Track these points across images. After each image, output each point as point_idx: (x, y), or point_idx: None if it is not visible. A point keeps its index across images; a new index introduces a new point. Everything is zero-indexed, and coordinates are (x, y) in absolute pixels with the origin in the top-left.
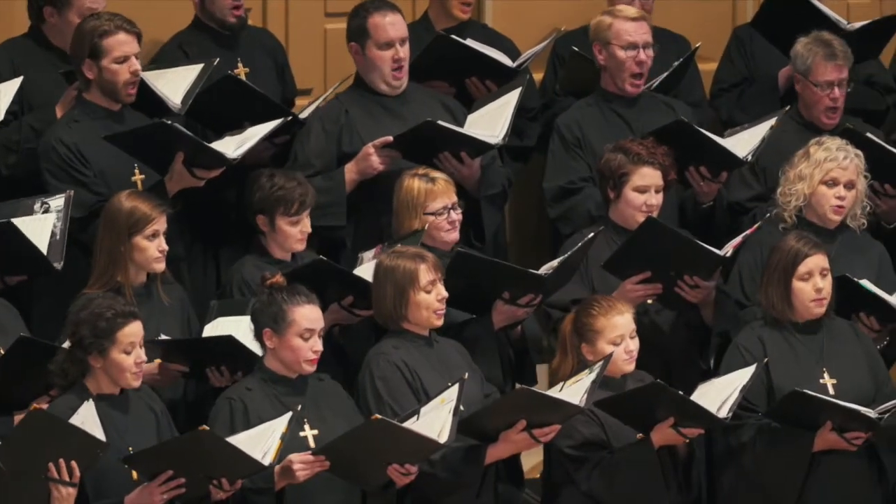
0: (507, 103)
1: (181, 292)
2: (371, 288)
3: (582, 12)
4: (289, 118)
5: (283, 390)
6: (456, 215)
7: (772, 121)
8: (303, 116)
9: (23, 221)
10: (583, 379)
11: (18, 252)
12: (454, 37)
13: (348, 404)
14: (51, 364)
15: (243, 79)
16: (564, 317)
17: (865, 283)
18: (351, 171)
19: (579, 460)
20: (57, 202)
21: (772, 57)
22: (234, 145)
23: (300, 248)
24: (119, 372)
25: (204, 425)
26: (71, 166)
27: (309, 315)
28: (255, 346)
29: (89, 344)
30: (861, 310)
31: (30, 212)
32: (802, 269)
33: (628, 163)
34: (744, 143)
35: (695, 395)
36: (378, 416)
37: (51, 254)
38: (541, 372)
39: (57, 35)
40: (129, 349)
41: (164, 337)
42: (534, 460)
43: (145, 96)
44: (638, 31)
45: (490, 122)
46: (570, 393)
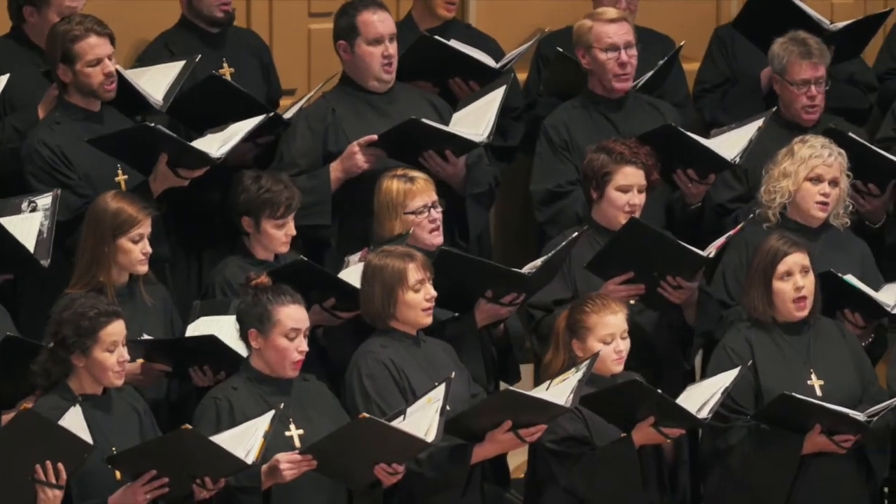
0: (492, 101)
1: (164, 292)
2: (351, 290)
3: (566, 13)
4: (270, 114)
5: (268, 390)
6: (436, 213)
7: (759, 122)
8: (286, 117)
9: (10, 221)
10: (569, 378)
11: (5, 251)
12: (437, 37)
13: (333, 404)
14: (33, 364)
15: (227, 78)
16: (545, 317)
17: (850, 278)
18: (336, 170)
19: (560, 455)
20: (44, 201)
21: (754, 57)
22: (217, 144)
23: (284, 250)
24: (102, 371)
25: (187, 424)
26: (55, 169)
27: (294, 315)
28: (237, 346)
29: (72, 343)
30: (846, 306)
31: (17, 211)
32: (781, 268)
33: (611, 162)
34: (731, 145)
35: (682, 396)
36: (366, 415)
37: (38, 252)
38: (525, 371)
39: (38, 34)
40: (111, 348)
41: (146, 337)
42: (518, 460)
43: (126, 94)
44: (618, 32)
45: (475, 121)
46: (557, 392)
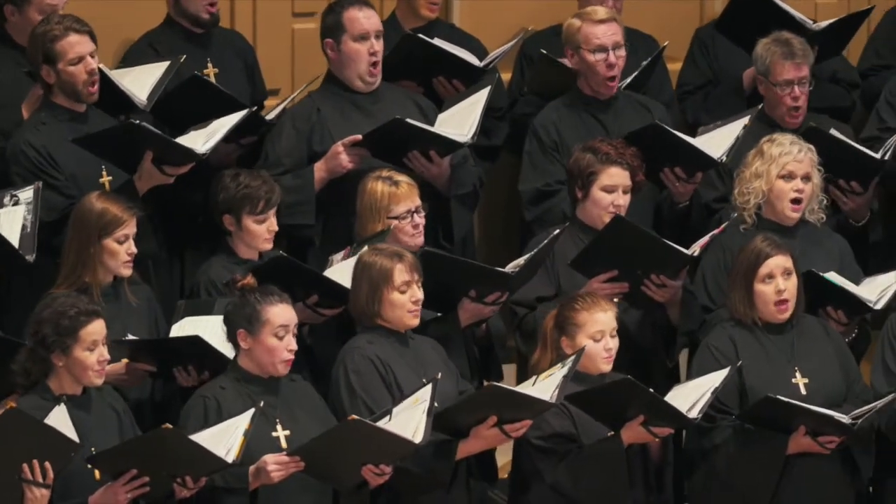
0: (477, 102)
1: (148, 293)
2: (334, 287)
3: (550, 12)
4: (254, 108)
5: (256, 390)
6: (420, 218)
7: (745, 119)
8: (269, 118)
9: None
10: (555, 374)
11: None
12: (422, 36)
13: (320, 405)
14: (13, 364)
15: (210, 79)
16: (528, 314)
17: (832, 276)
18: (320, 170)
19: (547, 451)
20: (26, 195)
21: (736, 58)
22: (201, 140)
23: (268, 246)
24: (82, 370)
25: (167, 424)
26: (41, 169)
27: (283, 314)
28: (222, 346)
29: (52, 342)
30: (829, 304)
31: None
32: (763, 270)
33: (597, 162)
34: (717, 143)
35: (668, 396)
36: (354, 417)
37: (22, 247)
38: (508, 370)
39: (19, 33)
40: (92, 347)
41: (131, 337)
42: (502, 459)
43: (110, 94)
44: (606, 33)
45: (459, 121)
46: (542, 388)
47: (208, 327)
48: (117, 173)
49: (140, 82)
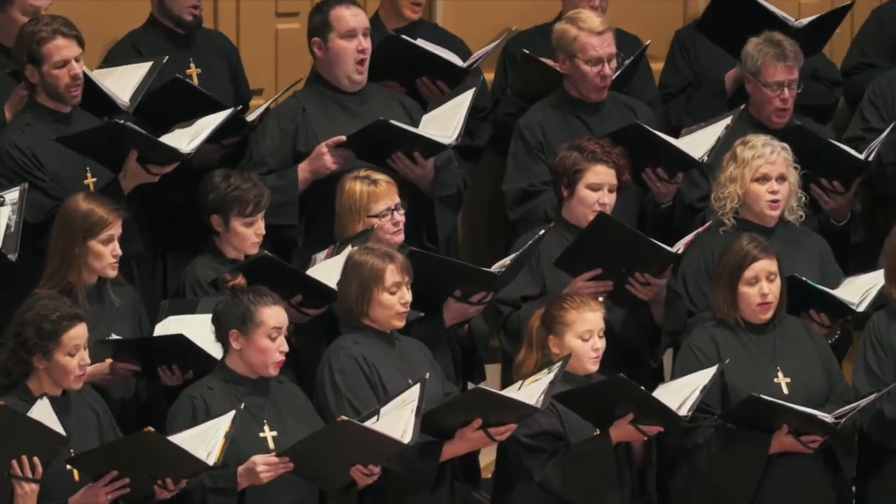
0: (461, 104)
1: (132, 293)
2: (318, 286)
3: (533, 12)
4: (238, 108)
5: (244, 391)
6: (399, 216)
7: (727, 120)
8: (251, 119)
9: None
10: (541, 379)
11: None
12: (405, 37)
13: (306, 406)
14: None
15: (192, 81)
16: (513, 312)
17: (814, 282)
18: (304, 171)
19: (535, 450)
20: (12, 195)
21: (717, 59)
22: (186, 139)
23: (254, 251)
24: (62, 374)
25: (149, 426)
26: (26, 171)
27: (276, 315)
28: (206, 345)
29: (33, 345)
30: (811, 307)
31: None
32: (749, 273)
33: (582, 160)
34: (699, 144)
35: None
36: (344, 418)
37: (5, 246)
38: (491, 371)
39: (2, 33)
40: (73, 351)
41: (115, 337)
42: (486, 460)
43: (93, 95)
44: (603, 44)
45: (444, 123)
46: (528, 392)
47: (192, 326)
48: (102, 174)
49: (123, 83)
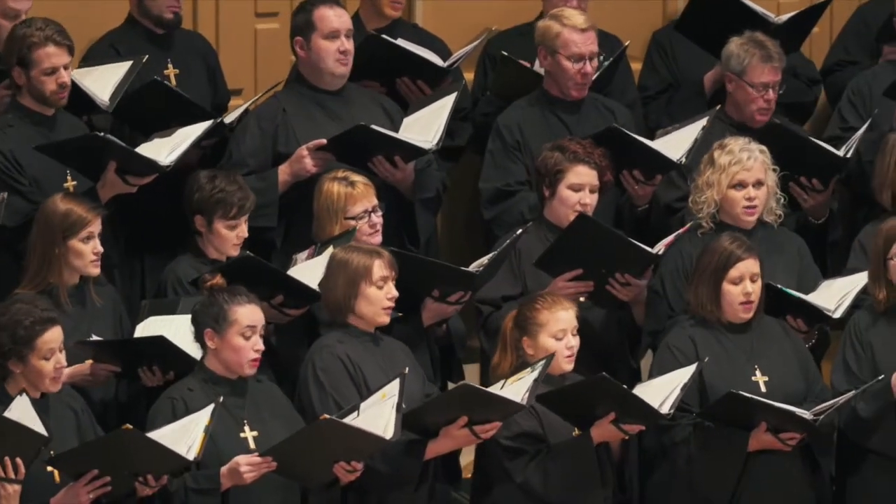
0: (443, 108)
1: (113, 293)
2: (299, 287)
3: (513, 13)
4: (218, 120)
5: (223, 391)
6: (377, 218)
7: (703, 121)
8: (228, 120)
9: None
10: (525, 377)
11: None
12: (385, 36)
13: (286, 405)
14: None
15: (170, 83)
16: (493, 312)
17: (790, 290)
18: (284, 173)
19: (515, 451)
20: None
21: (695, 60)
22: (165, 150)
23: (234, 253)
24: (39, 378)
25: (127, 424)
26: (6, 174)
27: (250, 314)
28: (187, 346)
29: (8, 350)
30: (788, 312)
31: None
32: (734, 272)
33: (564, 161)
34: (676, 145)
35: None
36: (326, 417)
37: None
38: (470, 371)
39: None
40: (48, 355)
41: (95, 338)
42: (465, 460)
43: (74, 94)
44: (586, 42)
45: (425, 127)
46: (512, 391)
47: (172, 327)
48: (81, 178)
49: (102, 82)
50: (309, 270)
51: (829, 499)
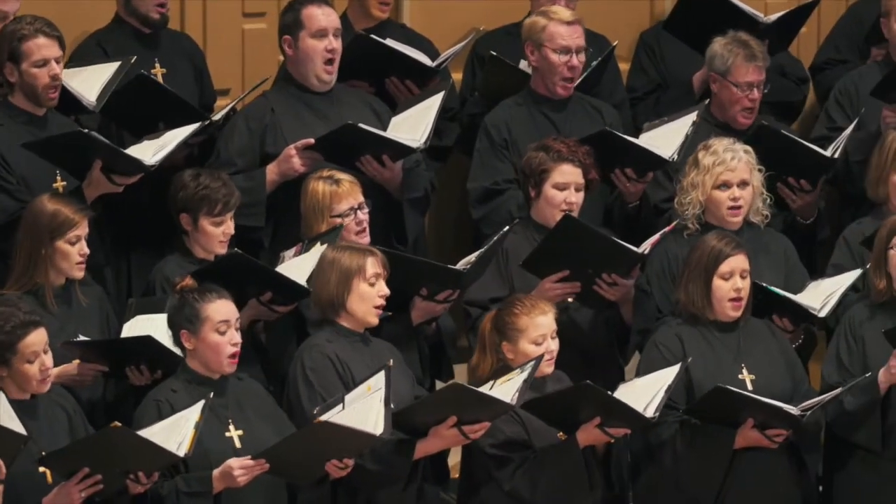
0: (430, 107)
1: (100, 293)
2: (288, 283)
3: (501, 12)
4: (206, 122)
5: (207, 391)
6: (363, 215)
7: (692, 116)
8: (216, 118)
9: None
10: (514, 378)
11: None
12: (374, 36)
13: (269, 403)
14: None
15: (157, 79)
16: (484, 314)
17: (777, 289)
18: (272, 173)
19: (501, 459)
20: None
21: (684, 61)
22: (151, 151)
23: (221, 250)
24: (25, 381)
25: (116, 422)
26: None
27: (221, 309)
28: (173, 344)
29: None
30: (774, 312)
31: None
32: (724, 268)
33: (548, 160)
34: (666, 142)
35: (615, 394)
36: (321, 420)
37: None
38: (459, 371)
39: None
40: (32, 358)
41: (82, 338)
42: (452, 460)
43: (63, 95)
44: (572, 35)
45: (413, 126)
46: (501, 392)
47: (160, 325)
48: (71, 179)
49: (90, 83)
50: (296, 267)
51: (816, 498)
